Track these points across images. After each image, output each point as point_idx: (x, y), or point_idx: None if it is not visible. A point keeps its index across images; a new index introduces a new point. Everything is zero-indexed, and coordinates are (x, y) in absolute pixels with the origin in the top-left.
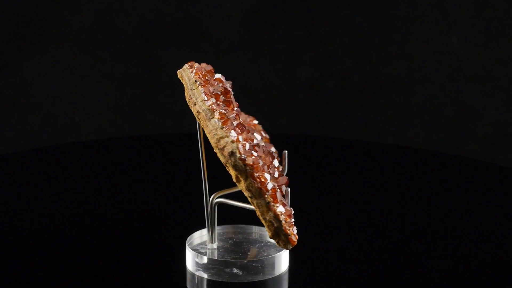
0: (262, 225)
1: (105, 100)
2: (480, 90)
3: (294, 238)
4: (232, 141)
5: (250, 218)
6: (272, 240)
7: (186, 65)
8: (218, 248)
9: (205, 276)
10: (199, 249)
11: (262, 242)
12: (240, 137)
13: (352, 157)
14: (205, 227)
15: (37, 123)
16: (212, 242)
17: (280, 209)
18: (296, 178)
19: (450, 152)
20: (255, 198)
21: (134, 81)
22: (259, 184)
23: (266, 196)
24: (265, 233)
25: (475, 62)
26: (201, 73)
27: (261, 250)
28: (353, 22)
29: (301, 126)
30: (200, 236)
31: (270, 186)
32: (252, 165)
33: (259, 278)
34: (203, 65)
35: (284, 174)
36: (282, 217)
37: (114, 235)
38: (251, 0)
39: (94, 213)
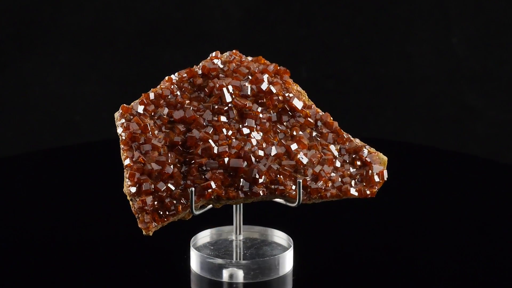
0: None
1: (105, 100)
2: (480, 90)
3: (142, 226)
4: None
5: (249, 218)
6: (277, 241)
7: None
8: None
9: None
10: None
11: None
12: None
13: None
14: (210, 228)
15: (37, 123)
16: (237, 234)
17: (131, 189)
18: None
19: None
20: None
21: (134, 81)
22: (123, 158)
23: (125, 170)
24: (268, 233)
25: (475, 62)
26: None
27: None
28: (353, 22)
29: None
30: (203, 236)
31: (128, 162)
32: (123, 137)
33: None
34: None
35: (296, 204)
36: (129, 197)
37: (117, 236)
38: (251, 0)
39: (96, 213)
